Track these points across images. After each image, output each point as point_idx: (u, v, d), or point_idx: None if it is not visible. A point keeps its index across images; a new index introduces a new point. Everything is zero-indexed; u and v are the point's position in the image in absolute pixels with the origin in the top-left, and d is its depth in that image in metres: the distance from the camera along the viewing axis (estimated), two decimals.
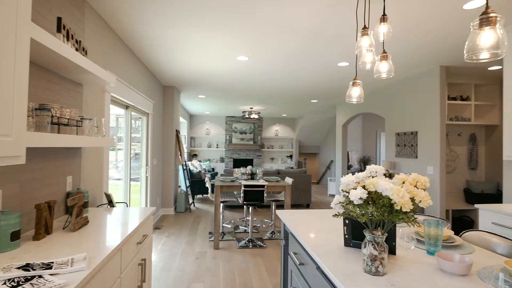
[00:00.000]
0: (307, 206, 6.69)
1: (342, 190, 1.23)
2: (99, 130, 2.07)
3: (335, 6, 2.45)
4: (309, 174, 6.65)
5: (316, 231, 1.68)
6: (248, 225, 4.95)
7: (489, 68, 4.13)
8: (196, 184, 7.19)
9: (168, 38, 3.23)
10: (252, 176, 4.50)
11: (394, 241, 1.33)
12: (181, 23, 2.84)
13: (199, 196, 7.97)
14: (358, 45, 1.84)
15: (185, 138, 9.77)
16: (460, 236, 1.68)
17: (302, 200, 6.57)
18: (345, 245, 1.43)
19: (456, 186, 4.59)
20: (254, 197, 3.92)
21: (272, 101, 7.45)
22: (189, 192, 7.02)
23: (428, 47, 3.39)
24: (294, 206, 6.72)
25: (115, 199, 2.54)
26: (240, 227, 4.85)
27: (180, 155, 6.01)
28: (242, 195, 3.90)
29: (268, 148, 11.53)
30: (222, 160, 11.04)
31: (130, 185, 3.95)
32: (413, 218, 1.06)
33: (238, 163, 11.16)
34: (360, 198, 1.08)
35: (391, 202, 1.04)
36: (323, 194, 8.76)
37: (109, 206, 2.45)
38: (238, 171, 4.48)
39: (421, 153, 4.42)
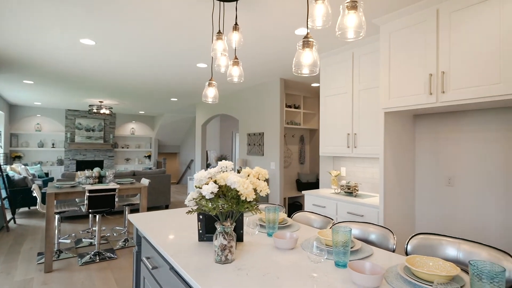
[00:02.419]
0: (166, 207, 6.48)
1: (195, 186, 1.25)
2: None
3: (196, 5, 2.48)
4: (168, 174, 6.45)
5: (171, 230, 1.64)
6: (95, 236, 4.28)
7: (312, 85, 5.29)
8: (19, 194, 5.57)
9: None
10: (100, 179, 3.92)
11: (242, 229, 1.48)
12: None
13: (25, 209, 6.22)
14: (213, 47, 1.93)
15: (1, 135, 7.39)
16: (291, 218, 2.07)
17: (161, 201, 6.30)
18: (199, 240, 1.47)
19: (290, 178, 5.63)
20: (103, 203, 3.43)
21: (127, 95, 6.76)
22: (7, 206, 5.36)
23: (272, 61, 3.98)
24: (153, 208, 6.35)
25: None
26: (83, 240, 4.12)
27: None
28: (86, 202, 3.33)
29: (123, 147, 10.39)
30: (61, 162, 9.06)
31: None
32: (256, 206, 1.21)
33: (83, 166, 9.46)
34: (212, 193, 1.14)
35: (238, 193, 1.14)
36: (183, 193, 8.72)
37: None
38: (82, 175, 3.80)
39: (266, 151, 5.15)
